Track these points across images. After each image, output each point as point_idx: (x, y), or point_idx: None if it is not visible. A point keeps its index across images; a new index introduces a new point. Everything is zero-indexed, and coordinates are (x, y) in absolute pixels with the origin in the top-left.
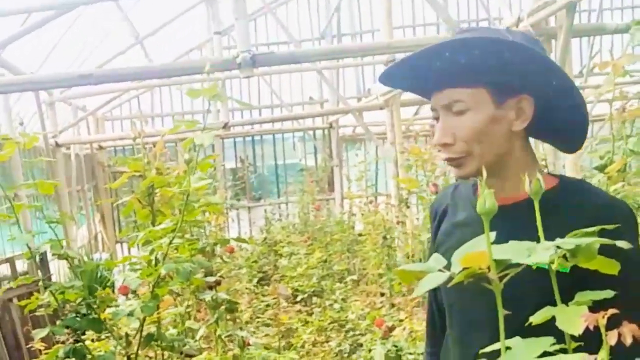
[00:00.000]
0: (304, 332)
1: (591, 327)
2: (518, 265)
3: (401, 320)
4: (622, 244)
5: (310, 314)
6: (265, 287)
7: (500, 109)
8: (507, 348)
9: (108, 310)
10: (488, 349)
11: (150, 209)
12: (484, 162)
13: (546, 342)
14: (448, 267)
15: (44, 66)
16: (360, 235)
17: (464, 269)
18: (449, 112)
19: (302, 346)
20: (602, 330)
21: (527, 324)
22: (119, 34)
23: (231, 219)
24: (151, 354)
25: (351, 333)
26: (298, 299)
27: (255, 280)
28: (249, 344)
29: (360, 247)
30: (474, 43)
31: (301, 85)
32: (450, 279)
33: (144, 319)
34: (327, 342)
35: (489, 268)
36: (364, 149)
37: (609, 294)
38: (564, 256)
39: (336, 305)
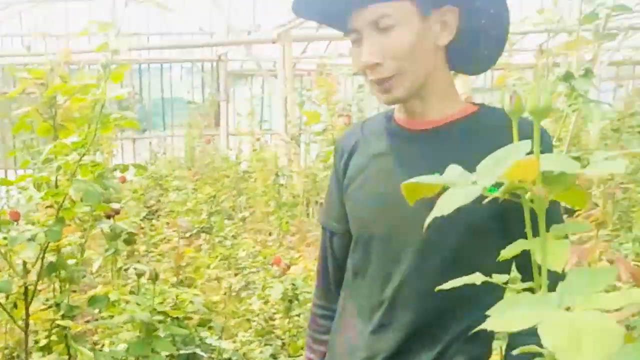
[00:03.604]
0: (205, 267)
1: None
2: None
3: (296, 259)
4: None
5: (199, 251)
6: (153, 222)
7: (426, 22)
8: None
9: (1, 235)
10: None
11: (52, 123)
12: (413, 83)
13: (611, 274)
14: (365, 198)
15: None
16: (245, 172)
17: (497, 184)
18: (374, 30)
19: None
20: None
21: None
22: None
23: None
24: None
25: (247, 271)
26: (187, 235)
27: (143, 214)
28: (157, 277)
29: (246, 185)
30: None
31: (192, 16)
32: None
33: (47, 246)
34: (218, 279)
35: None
36: (251, 85)
37: None
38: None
39: (227, 242)
